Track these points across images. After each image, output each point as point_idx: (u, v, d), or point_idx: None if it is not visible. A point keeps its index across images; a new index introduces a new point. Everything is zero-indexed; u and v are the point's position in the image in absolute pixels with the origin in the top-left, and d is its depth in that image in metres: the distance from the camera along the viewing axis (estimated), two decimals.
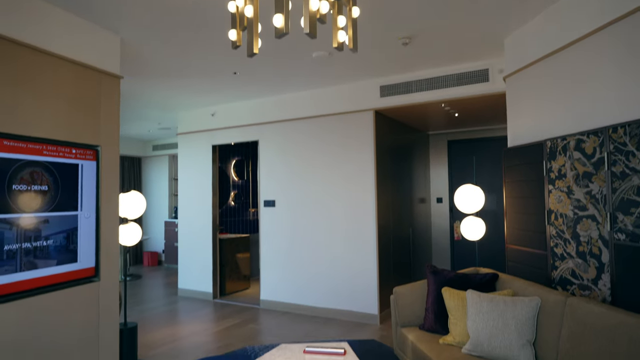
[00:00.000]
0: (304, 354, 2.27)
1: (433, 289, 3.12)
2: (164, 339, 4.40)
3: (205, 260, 6.11)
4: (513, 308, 2.55)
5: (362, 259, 4.90)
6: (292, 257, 5.40)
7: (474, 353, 2.62)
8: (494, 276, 3.03)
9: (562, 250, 2.90)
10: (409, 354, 3.05)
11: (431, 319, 3.07)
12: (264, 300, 5.59)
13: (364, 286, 4.87)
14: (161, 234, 9.22)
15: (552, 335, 2.41)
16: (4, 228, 2.55)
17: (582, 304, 2.28)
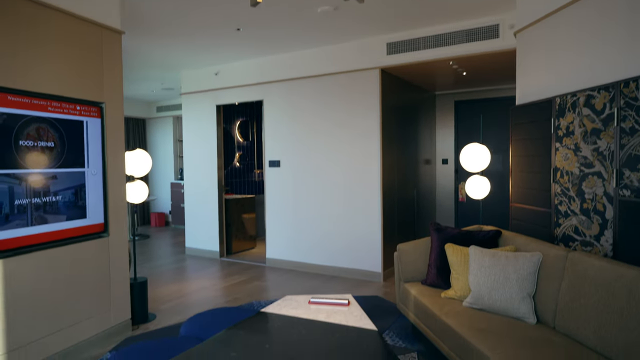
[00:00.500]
0: (309, 304, 2.33)
1: (436, 246, 3.17)
2: (173, 294, 4.54)
3: (211, 220, 6.21)
4: (515, 263, 2.59)
5: (367, 218, 4.95)
6: (297, 216, 5.47)
7: (475, 306, 2.69)
8: (497, 233, 3.06)
9: (566, 207, 2.91)
10: (411, 308, 3.14)
11: (434, 274, 3.13)
12: (270, 259, 5.71)
13: (368, 245, 4.95)
14: (167, 195, 9.33)
15: (552, 289, 2.45)
16: (14, 183, 2.59)
17: (583, 258, 2.31)
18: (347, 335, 1.89)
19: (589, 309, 2.17)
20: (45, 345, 2.80)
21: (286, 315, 2.15)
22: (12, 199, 2.58)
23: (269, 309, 2.27)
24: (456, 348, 2.44)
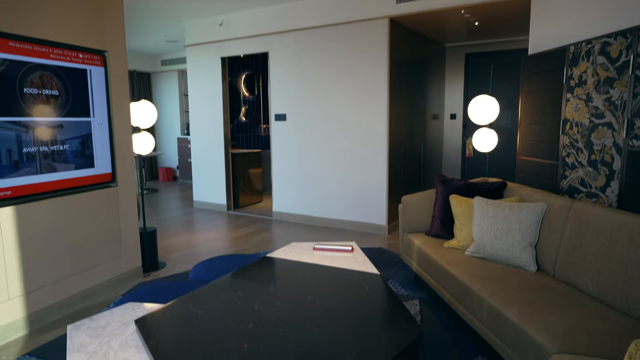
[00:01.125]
0: (314, 250, 2.38)
1: (441, 197, 3.18)
2: (182, 244, 4.66)
3: (218, 175, 6.25)
4: (518, 213, 2.61)
5: (373, 172, 4.96)
6: (303, 170, 5.49)
7: (477, 255, 2.73)
8: (502, 184, 3.06)
9: (574, 159, 2.88)
10: (414, 257, 3.20)
11: (437, 225, 3.17)
12: (276, 212, 5.79)
13: (374, 199, 4.99)
14: (174, 150, 9.36)
15: (554, 238, 2.48)
16: (21, 131, 2.61)
17: (587, 207, 2.32)
18: (350, 277, 1.94)
19: (589, 257, 2.20)
20: (62, 288, 2.92)
21: (291, 260, 2.20)
22: (20, 147, 2.61)
23: (274, 254, 2.33)
24: (457, 294, 2.51)
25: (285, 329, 1.47)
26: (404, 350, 1.36)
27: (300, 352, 1.32)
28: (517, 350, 1.94)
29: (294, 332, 1.44)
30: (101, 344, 1.47)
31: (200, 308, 1.63)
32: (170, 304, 1.68)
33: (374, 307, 1.63)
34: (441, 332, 2.70)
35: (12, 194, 2.58)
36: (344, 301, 1.68)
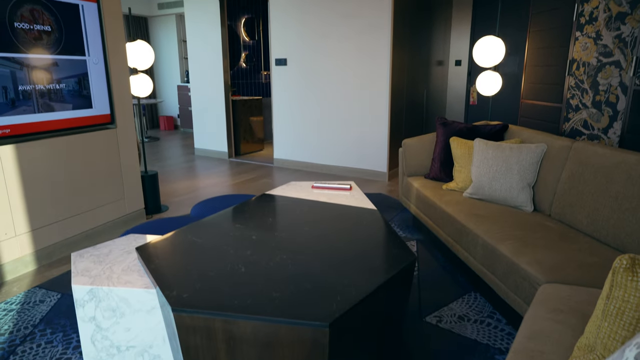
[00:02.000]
0: (312, 189, 2.40)
1: (441, 140, 3.16)
2: (184, 189, 4.71)
3: (219, 122, 6.21)
4: (518, 154, 2.60)
5: (374, 118, 4.90)
6: (304, 116, 5.43)
7: (475, 196, 2.76)
8: (504, 127, 3.03)
9: (578, 101, 2.83)
10: (413, 200, 3.23)
11: (437, 168, 3.17)
12: (278, 159, 5.80)
13: (375, 145, 4.97)
14: (175, 98, 9.25)
15: (552, 178, 2.48)
16: (15, 68, 2.56)
17: (587, 147, 2.30)
18: (347, 212, 1.96)
19: (586, 195, 2.21)
20: (67, 227, 2.99)
21: (289, 197, 2.23)
22: (15, 84, 2.57)
23: (273, 192, 2.35)
24: (453, 233, 2.55)
25: (282, 254, 1.51)
26: (397, 274, 1.40)
27: (296, 274, 1.36)
28: (508, 283, 1.99)
29: (291, 257, 1.48)
30: (104, 269, 1.52)
31: (200, 237, 1.67)
32: (171, 234, 1.72)
33: (369, 237, 1.67)
34: (437, 271, 2.78)
35: (10, 132, 2.58)
36: (341, 232, 1.72)
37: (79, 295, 1.41)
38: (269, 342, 1.17)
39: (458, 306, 2.35)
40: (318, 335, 1.13)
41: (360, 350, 1.32)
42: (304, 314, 1.15)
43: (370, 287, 1.29)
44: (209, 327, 1.18)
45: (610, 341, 1.05)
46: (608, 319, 1.05)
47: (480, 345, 2.02)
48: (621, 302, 1.01)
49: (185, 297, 1.24)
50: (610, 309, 1.04)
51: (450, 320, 2.22)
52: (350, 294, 1.25)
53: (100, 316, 1.42)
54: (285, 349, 1.16)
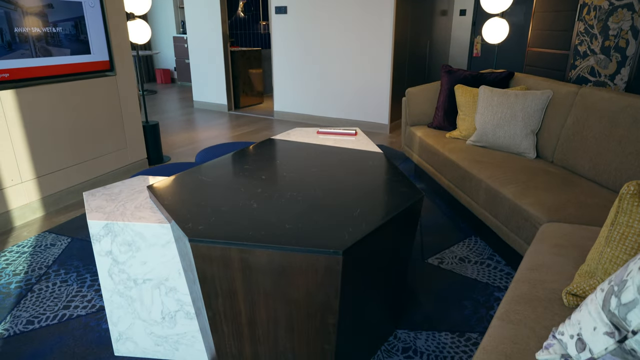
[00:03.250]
0: (317, 134, 2.41)
1: (446, 88, 3.13)
2: (185, 140, 4.69)
3: (218, 73, 6.09)
4: (523, 100, 2.59)
5: (376, 70, 4.82)
6: (305, 68, 5.34)
7: (478, 144, 2.77)
8: (510, 74, 2.99)
9: (586, 47, 2.78)
10: (415, 149, 3.24)
11: (440, 116, 3.16)
12: (278, 112, 5.75)
13: (377, 98, 4.92)
14: (171, 50, 9.02)
15: (556, 125, 2.49)
16: (9, 8, 2.48)
17: (594, 92, 2.29)
18: (353, 155, 1.98)
19: (590, 140, 2.22)
20: (71, 174, 3.00)
21: (295, 141, 2.23)
22: (11, 26, 2.50)
23: (278, 136, 2.35)
24: (456, 179, 2.58)
25: (292, 192, 1.54)
26: (406, 210, 1.43)
27: (307, 208, 1.39)
28: (510, 225, 2.05)
29: (300, 194, 1.51)
30: (117, 206, 1.55)
31: (209, 177, 1.69)
32: (180, 174, 1.74)
33: (377, 176, 1.69)
34: (439, 217, 2.83)
35: (9, 77, 2.53)
36: (349, 172, 1.74)
37: (95, 230, 1.45)
38: (283, 270, 1.21)
39: (459, 249, 2.42)
40: (331, 263, 1.17)
41: (368, 281, 1.38)
42: (318, 243, 1.19)
43: (381, 220, 1.33)
44: (226, 256, 1.22)
45: (611, 265, 1.10)
46: (611, 244, 1.09)
47: (480, 283, 2.10)
48: (625, 228, 1.05)
49: (201, 229, 1.27)
50: (613, 235, 1.08)
51: (451, 262, 2.29)
52: (361, 226, 1.29)
53: (117, 250, 1.47)
54: (298, 276, 1.21)
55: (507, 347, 1.05)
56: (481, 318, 1.86)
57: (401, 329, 1.78)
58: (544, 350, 1.01)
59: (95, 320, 1.84)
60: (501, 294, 2.01)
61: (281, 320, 1.30)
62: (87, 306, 1.93)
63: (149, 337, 1.59)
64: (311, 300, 1.24)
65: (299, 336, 1.32)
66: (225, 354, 1.41)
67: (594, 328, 0.88)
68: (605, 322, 0.85)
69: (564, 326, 1.00)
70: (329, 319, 1.26)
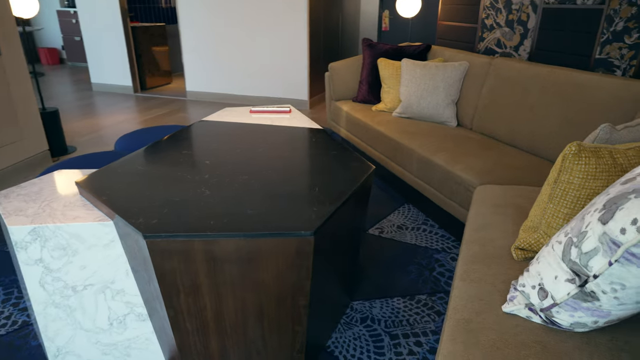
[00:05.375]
0: (250, 113, 2.32)
1: (368, 62, 3.19)
2: (90, 127, 4.24)
3: (118, 52, 5.54)
4: (443, 72, 2.73)
5: (293, 46, 4.75)
6: (217, 45, 5.07)
7: (404, 115, 2.88)
8: (427, 47, 3.13)
9: (492, 20, 3.00)
10: (342, 124, 3.28)
11: (365, 90, 3.22)
12: (191, 92, 5.43)
13: (295, 74, 4.86)
14: (56, 26, 7.99)
15: (473, 94, 2.68)
16: None
17: (505, 62, 2.50)
18: (295, 132, 1.94)
19: (505, 107, 2.43)
20: None
21: (230, 122, 2.13)
22: None
23: (208, 118, 2.22)
24: (387, 151, 2.67)
25: (242, 175, 1.47)
26: (361, 184, 1.44)
27: (265, 191, 1.34)
28: (444, 191, 2.18)
29: (253, 177, 1.45)
30: (42, 207, 1.35)
31: (147, 166, 1.55)
32: (111, 165, 1.56)
33: (324, 153, 1.68)
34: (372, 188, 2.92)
35: None
36: (296, 150, 1.70)
37: (19, 237, 1.25)
38: (251, 258, 1.16)
39: (395, 217, 2.53)
40: (302, 244, 1.15)
41: (332, 258, 1.38)
42: (287, 226, 1.15)
43: (343, 197, 1.32)
44: (187, 249, 1.13)
45: (553, 219, 1.22)
46: (553, 200, 1.21)
47: (420, 247, 2.22)
48: (566, 184, 1.16)
49: (155, 223, 1.16)
50: (556, 192, 1.19)
51: (390, 231, 2.39)
52: (325, 204, 1.27)
53: (49, 257, 1.29)
54: (268, 262, 1.17)
55: (475, 304, 1.12)
56: (426, 280, 1.97)
57: (356, 300, 1.83)
58: (509, 303, 1.10)
59: (20, 338, 1.62)
60: (440, 256, 2.15)
61: (250, 308, 1.25)
62: (7, 324, 1.69)
63: (95, 347, 1.45)
64: (282, 285, 1.21)
65: (269, 322, 1.29)
66: (189, 352, 1.33)
67: (555, 277, 0.98)
68: (565, 271, 0.95)
69: (523, 278, 1.10)
70: (301, 301, 1.25)
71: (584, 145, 1.12)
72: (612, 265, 0.83)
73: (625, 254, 0.81)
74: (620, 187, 0.92)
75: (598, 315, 0.93)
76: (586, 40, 2.34)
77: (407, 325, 1.69)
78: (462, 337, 1.02)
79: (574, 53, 2.41)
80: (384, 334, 1.65)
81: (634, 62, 2.13)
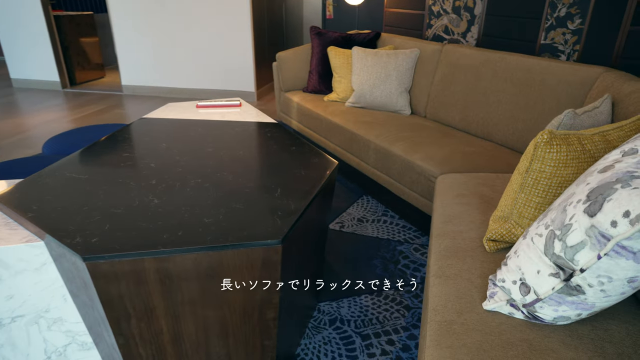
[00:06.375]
0: (197, 108, 2.15)
1: (317, 51, 3.09)
2: (13, 129, 3.82)
3: (40, 44, 5.03)
4: (395, 60, 2.69)
5: (237, 36, 4.54)
6: (155, 36, 4.74)
7: (357, 105, 2.82)
8: (377, 34, 3.08)
9: (439, 7, 2.99)
10: (294, 115, 3.17)
11: (315, 80, 3.12)
12: (127, 86, 5.06)
13: (240, 65, 4.66)
14: None
15: (426, 81, 2.66)
16: None
17: (456, 49, 2.49)
18: (248, 128, 1.81)
19: (457, 94, 2.43)
20: None
21: (176, 119, 1.95)
22: None
23: (151, 115, 2.03)
24: (343, 142, 2.60)
25: (195, 179, 1.32)
26: (326, 182, 1.35)
27: (221, 196, 1.21)
28: (404, 181, 2.14)
29: (207, 181, 1.31)
30: None
31: (82, 173, 1.36)
32: (40, 173, 1.35)
33: (282, 149, 1.57)
34: None
35: None
36: (252, 148, 1.57)
37: None
38: (213, 272, 1.04)
39: (355, 210, 2.47)
40: (269, 254, 1.04)
41: (299, 262, 1.28)
42: (251, 235, 1.04)
43: (308, 197, 1.22)
44: (138, 269, 0.99)
45: (525, 209, 1.20)
46: (525, 190, 1.18)
47: (382, 240, 2.18)
48: (538, 173, 1.14)
49: (96, 242, 1.00)
50: (527, 181, 1.16)
51: (351, 224, 2.33)
52: (290, 208, 1.17)
53: None
54: (232, 275, 1.05)
55: (454, 303, 1.07)
56: (392, 273, 1.93)
57: (323, 302, 1.75)
58: (489, 300, 1.06)
59: None
60: (403, 247, 2.12)
61: (213, 327, 1.13)
62: None
63: None
64: (248, 299, 1.10)
65: (235, 340, 1.17)
66: None
67: (538, 271, 0.94)
68: (549, 265, 0.91)
69: (501, 273, 1.06)
70: (269, 314, 1.14)
71: (555, 133, 1.09)
72: (600, 259, 0.80)
73: (615, 247, 0.77)
74: (599, 175, 0.89)
75: (582, 308, 0.90)
76: (532, 26, 2.38)
77: (377, 324, 1.64)
78: (447, 340, 0.96)
79: (521, 39, 2.44)
80: (355, 335, 1.58)
81: (577, 47, 2.19)
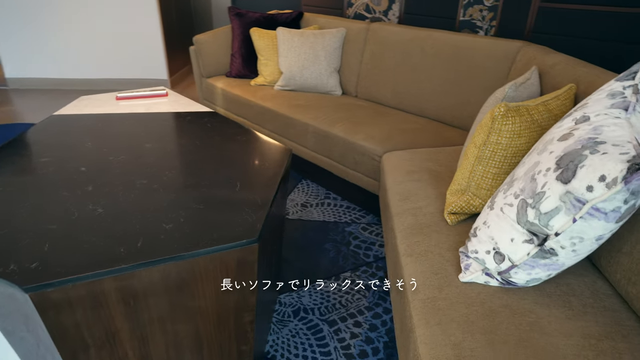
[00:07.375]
0: (117, 100, 1.92)
1: (239, 33, 2.93)
2: None
3: None
4: (322, 40, 2.65)
5: (143, 16, 4.15)
6: (47, 19, 4.16)
7: (287, 88, 2.74)
8: (300, 14, 3.00)
9: None
10: (219, 102, 3.00)
11: (239, 63, 2.97)
12: (12, 79, 4.41)
13: (149, 50, 4.29)
14: None
15: (355, 61, 2.66)
16: None
17: (384, 27, 2.51)
18: (183, 119, 1.66)
19: (387, 72, 2.46)
20: None
21: (95, 114, 1.72)
22: None
23: (64, 111, 1.78)
24: (278, 128, 2.52)
25: (140, 180, 1.18)
26: (284, 171, 1.29)
27: (174, 198, 1.09)
28: (347, 162, 2.13)
29: (154, 181, 1.17)
30: None
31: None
32: None
33: (229, 140, 1.46)
34: None
35: None
36: (195, 140, 1.45)
37: None
38: (183, 283, 0.93)
39: (297, 196, 2.42)
40: (244, 254, 0.96)
41: (269, 258, 1.22)
42: (224, 237, 0.95)
43: (272, 190, 1.15)
44: (95, 292, 0.85)
45: (482, 180, 1.24)
46: (482, 162, 1.22)
47: (329, 223, 2.17)
48: (494, 145, 1.18)
49: (37, 267, 0.84)
50: (485, 153, 1.20)
51: (295, 211, 2.28)
52: (255, 202, 1.09)
53: None
54: (204, 283, 0.96)
55: (432, 280, 1.09)
56: (346, 256, 1.93)
57: (283, 293, 1.70)
58: (465, 272, 1.09)
59: None
60: (351, 228, 2.13)
61: (185, 343, 1.02)
62: None
63: None
64: (222, 305, 1.01)
65: (209, 352, 1.08)
66: None
67: (512, 240, 0.98)
68: (522, 232, 0.95)
69: (472, 245, 1.10)
70: (245, 317, 1.06)
71: (509, 106, 1.14)
72: (575, 222, 0.85)
73: (590, 209, 0.82)
74: (562, 144, 0.94)
75: (553, 269, 0.96)
76: (451, 3, 2.48)
77: (341, 308, 1.63)
78: (435, 317, 0.97)
79: (441, 16, 2.53)
80: (321, 323, 1.56)
81: (494, 23, 2.33)
